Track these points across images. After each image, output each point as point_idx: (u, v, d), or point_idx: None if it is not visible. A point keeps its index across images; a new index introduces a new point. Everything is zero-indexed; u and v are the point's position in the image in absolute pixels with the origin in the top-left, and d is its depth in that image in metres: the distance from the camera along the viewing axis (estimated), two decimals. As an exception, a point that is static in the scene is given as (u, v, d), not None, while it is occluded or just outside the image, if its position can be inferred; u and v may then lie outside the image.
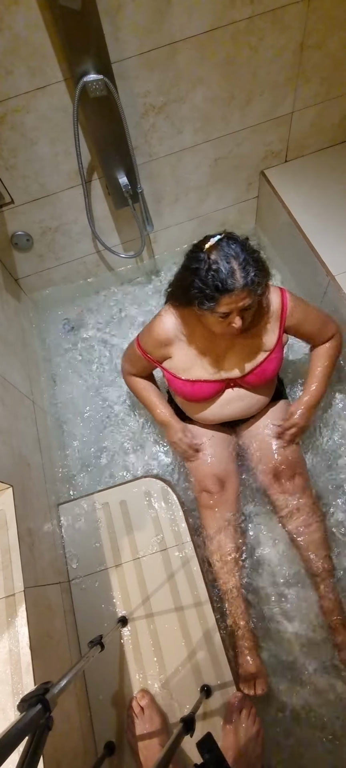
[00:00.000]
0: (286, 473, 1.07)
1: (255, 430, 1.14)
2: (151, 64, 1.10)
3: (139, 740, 0.83)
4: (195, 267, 0.84)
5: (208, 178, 1.45)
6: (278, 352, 1.00)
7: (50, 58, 1.01)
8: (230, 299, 0.82)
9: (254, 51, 1.16)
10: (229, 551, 1.04)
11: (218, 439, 1.13)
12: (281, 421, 1.11)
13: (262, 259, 0.87)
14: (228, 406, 1.06)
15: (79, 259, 1.53)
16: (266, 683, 0.93)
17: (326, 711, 0.95)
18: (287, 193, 1.42)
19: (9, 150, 1.15)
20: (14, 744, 0.41)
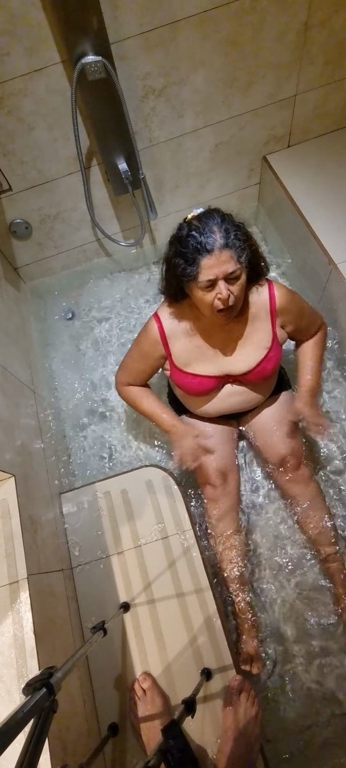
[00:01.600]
0: (291, 464, 1.09)
1: (259, 421, 1.15)
2: (151, 44, 1.07)
3: (141, 721, 0.85)
4: (177, 237, 0.85)
5: (209, 164, 1.42)
6: (275, 350, 0.99)
7: (47, 38, 0.99)
8: (211, 261, 0.80)
9: (257, 31, 1.13)
10: (232, 540, 1.06)
11: (220, 432, 1.14)
12: (288, 414, 1.09)
13: (244, 228, 0.85)
14: (228, 400, 1.05)
15: (78, 247, 1.52)
16: (262, 666, 0.98)
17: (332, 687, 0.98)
18: (289, 179, 1.40)
19: (6, 135, 1.12)
20: (20, 726, 0.43)
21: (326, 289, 1.30)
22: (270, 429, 1.12)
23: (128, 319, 1.56)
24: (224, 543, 1.07)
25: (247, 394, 1.05)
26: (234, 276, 0.82)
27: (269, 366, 0.99)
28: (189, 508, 1.11)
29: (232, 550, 1.06)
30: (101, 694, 0.92)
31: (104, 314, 1.60)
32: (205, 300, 0.85)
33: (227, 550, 1.06)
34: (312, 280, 1.38)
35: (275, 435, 1.11)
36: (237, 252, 0.81)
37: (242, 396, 1.04)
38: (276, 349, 0.99)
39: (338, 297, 1.23)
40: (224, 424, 1.15)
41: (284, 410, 1.13)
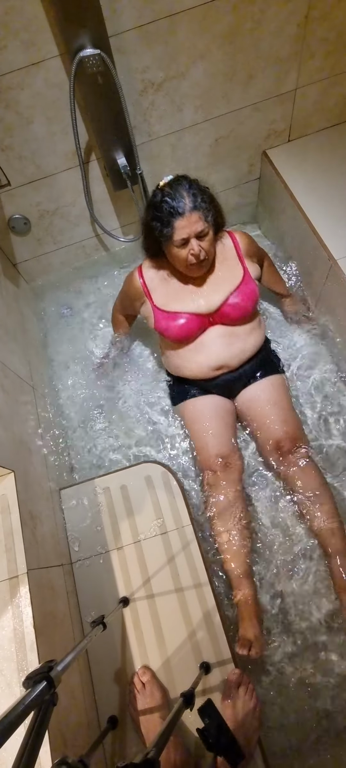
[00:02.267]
0: (289, 446, 1.09)
1: (254, 405, 1.17)
2: (149, 37, 1.06)
3: (140, 714, 0.86)
4: (152, 203, 1.02)
5: (209, 159, 1.42)
6: (248, 282, 1.10)
7: (45, 31, 0.98)
8: (183, 222, 0.96)
9: (257, 23, 1.12)
10: (234, 526, 1.06)
11: (219, 413, 1.16)
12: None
13: (209, 191, 1.03)
14: (214, 346, 1.10)
15: (77, 243, 1.51)
16: (261, 649, 0.94)
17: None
18: (289, 174, 1.39)
19: (4, 129, 1.12)
20: (20, 719, 0.43)
21: (325, 284, 1.29)
22: (266, 412, 1.14)
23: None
24: (226, 528, 1.06)
25: (230, 337, 1.11)
26: (203, 234, 0.98)
27: (244, 297, 1.09)
28: (188, 503, 1.11)
29: (234, 535, 1.05)
30: (101, 687, 0.93)
31: (103, 310, 1.59)
32: (180, 256, 1.01)
33: (228, 536, 1.05)
34: (312, 275, 1.37)
35: (270, 417, 1.13)
36: (204, 213, 0.97)
37: (225, 338, 1.10)
38: (249, 281, 1.11)
39: (338, 293, 1.23)
40: (220, 402, 1.17)
41: (279, 393, 1.16)
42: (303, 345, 1.40)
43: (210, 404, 1.17)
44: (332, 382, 1.33)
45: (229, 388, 1.20)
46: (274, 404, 1.14)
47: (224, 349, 1.11)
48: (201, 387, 1.20)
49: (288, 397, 1.20)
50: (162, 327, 1.12)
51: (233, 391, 1.21)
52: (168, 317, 1.09)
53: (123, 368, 1.44)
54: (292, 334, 1.42)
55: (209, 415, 1.15)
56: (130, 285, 1.17)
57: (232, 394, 1.22)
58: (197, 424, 1.16)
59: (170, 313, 1.09)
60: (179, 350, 1.15)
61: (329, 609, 1.04)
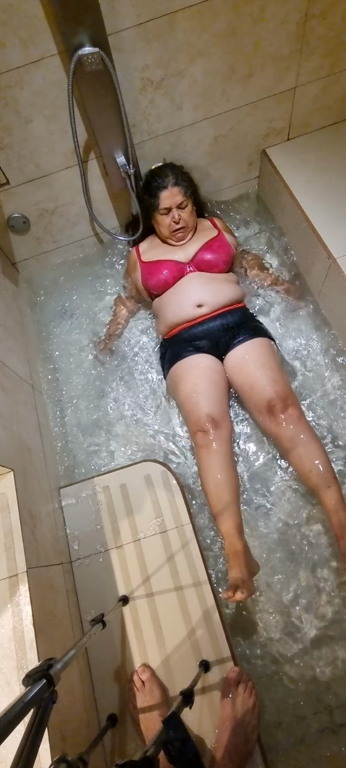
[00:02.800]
0: (279, 407, 1.10)
1: (242, 363, 1.19)
2: (148, 35, 1.06)
3: (140, 712, 0.87)
4: (145, 181, 1.30)
5: (208, 157, 1.41)
6: (222, 239, 1.31)
7: (43, 29, 0.97)
8: (166, 194, 1.23)
9: (256, 21, 1.12)
10: (226, 487, 1.05)
11: (209, 374, 1.18)
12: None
13: (189, 175, 1.30)
14: (192, 286, 1.24)
15: (76, 241, 1.51)
16: (248, 592, 0.89)
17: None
18: (288, 172, 1.39)
19: (3, 128, 1.11)
20: (20, 717, 0.43)
21: (324, 283, 1.29)
22: (255, 374, 1.16)
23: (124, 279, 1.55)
24: (217, 484, 1.05)
25: (207, 280, 1.26)
26: (183, 205, 1.25)
27: (216, 247, 1.28)
28: (188, 502, 1.11)
29: (224, 489, 1.04)
30: (100, 686, 0.93)
31: (102, 308, 1.59)
32: (164, 222, 1.27)
33: (219, 491, 1.04)
34: (311, 273, 1.37)
35: (259, 379, 1.14)
36: (184, 188, 1.24)
37: (203, 280, 1.25)
38: (223, 238, 1.31)
39: (337, 291, 1.23)
40: (212, 366, 1.19)
41: (267, 354, 1.18)
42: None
43: (200, 365, 1.19)
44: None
45: (215, 341, 1.23)
46: (263, 365, 1.16)
47: (202, 289, 1.24)
48: (188, 340, 1.23)
49: (276, 358, 1.21)
50: (146, 275, 1.31)
51: (219, 345, 1.23)
52: (151, 265, 1.31)
53: (125, 361, 1.45)
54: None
55: (199, 375, 1.17)
56: (129, 260, 1.42)
57: (219, 350, 1.23)
58: (188, 384, 1.17)
59: (153, 262, 1.31)
60: (164, 298, 1.29)
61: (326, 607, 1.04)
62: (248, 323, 1.26)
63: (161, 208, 1.25)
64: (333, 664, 1.00)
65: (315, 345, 1.37)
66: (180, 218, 1.25)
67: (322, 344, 1.36)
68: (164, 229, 1.28)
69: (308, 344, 1.37)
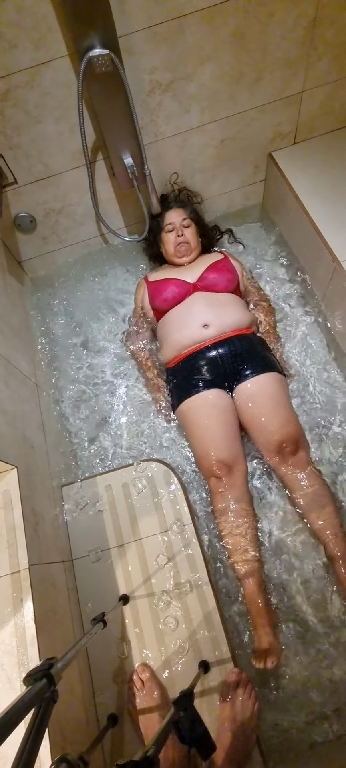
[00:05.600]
0: (290, 449, 1.09)
1: (253, 398, 1.16)
2: (158, 38, 1.07)
3: (139, 713, 0.86)
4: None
5: (214, 160, 1.42)
6: (227, 263, 1.35)
7: (55, 31, 0.98)
8: (171, 213, 1.37)
9: (265, 26, 1.12)
10: (242, 531, 1.05)
11: (219, 413, 1.14)
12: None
13: (192, 201, 1.44)
14: (197, 306, 1.25)
15: (83, 241, 1.52)
16: (277, 659, 0.93)
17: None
18: (294, 176, 1.39)
19: (12, 128, 1.12)
20: (21, 716, 0.43)
21: (329, 287, 1.29)
22: (266, 411, 1.13)
23: (131, 313, 1.55)
24: (234, 535, 1.05)
25: (213, 300, 1.26)
26: (186, 224, 1.37)
27: (221, 268, 1.31)
28: (190, 502, 1.11)
29: (242, 538, 1.04)
30: (100, 685, 0.93)
31: (108, 308, 1.60)
32: (169, 240, 1.37)
33: (237, 540, 1.04)
34: (316, 276, 1.37)
35: (271, 417, 1.12)
36: (188, 210, 1.39)
37: (208, 300, 1.25)
38: (228, 263, 1.35)
39: (342, 295, 1.23)
40: (221, 403, 1.15)
41: (279, 391, 1.16)
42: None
43: (210, 403, 1.16)
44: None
45: (223, 369, 1.18)
46: (275, 404, 1.14)
47: (207, 308, 1.24)
48: (196, 369, 1.19)
49: (288, 395, 1.20)
50: (153, 292, 1.34)
51: (227, 373, 1.18)
52: (158, 283, 1.34)
53: (129, 360, 1.44)
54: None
55: (210, 415, 1.14)
56: (137, 286, 1.46)
57: (227, 379, 1.19)
58: (198, 428, 1.15)
59: (160, 280, 1.35)
60: (169, 317, 1.29)
61: (332, 612, 1.03)
62: (258, 353, 1.22)
63: (166, 224, 1.36)
64: (333, 670, 0.99)
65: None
66: (183, 234, 1.34)
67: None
68: (169, 246, 1.37)
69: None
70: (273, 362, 1.23)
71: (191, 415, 1.18)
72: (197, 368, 1.20)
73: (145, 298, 1.38)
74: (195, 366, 1.20)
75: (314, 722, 0.96)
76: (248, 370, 1.19)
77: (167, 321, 1.30)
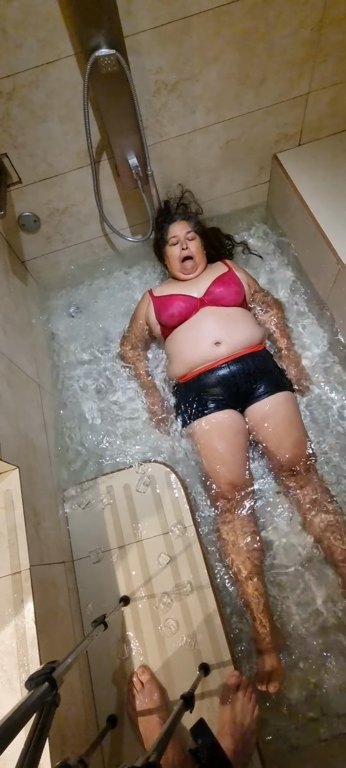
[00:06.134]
0: (301, 470, 1.09)
1: (266, 419, 1.14)
2: (164, 38, 1.06)
3: (139, 714, 0.86)
4: (157, 218, 1.42)
5: (219, 161, 1.41)
6: (232, 276, 1.33)
7: (61, 30, 0.98)
8: (174, 227, 1.35)
9: (271, 27, 1.12)
10: (248, 554, 1.04)
11: (231, 434, 1.13)
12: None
13: (194, 211, 1.45)
14: (207, 322, 1.22)
15: (86, 241, 1.52)
16: (279, 684, 0.92)
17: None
18: (299, 178, 1.38)
19: (17, 127, 1.12)
20: (23, 721, 0.43)
21: (333, 289, 1.29)
22: (279, 432, 1.12)
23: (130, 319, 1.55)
24: (240, 557, 1.04)
25: (222, 315, 1.23)
26: (190, 236, 1.34)
27: (227, 280, 1.29)
28: (191, 504, 1.11)
29: (248, 563, 1.03)
30: (100, 686, 0.93)
31: (110, 309, 1.59)
32: (174, 254, 1.34)
33: (243, 565, 1.03)
34: (320, 279, 1.36)
35: (283, 438, 1.11)
36: (192, 223, 1.37)
37: (217, 316, 1.23)
38: (233, 275, 1.33)
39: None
40: (233, 425, 1.14)
41: (292, 411, 1.14)
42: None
43: (222, 425, 1.14)
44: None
45: (236, 388, 1.16)
46: (288, 424, 1.13)
47: (218, 325, 1.21)
48: (208, 387, 1.17)
49: (300, 414, 1.19)
50: (160, 308, 1.31)
51: (240, 392, 1.17)
52: (164, 299, 1.32)
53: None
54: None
55: (221, 437, 1.12)
56: (141, 300, 1.43)
57: (240, 398, 1.18)
58: (209, 450, 1.13)
59: (166, 296, 1.32)
60: (179, 334, 1.26)
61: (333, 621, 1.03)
62: (271, 371, 1.21)
63: (170, 238, 1.34)
64: (333, 673, 0.99)
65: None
66: (187, 247, 1.32)
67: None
68: (174, 261, 1.35)
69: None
70: (285, 381, 1.22)
71: (202, 436, 1.15)
72: (209, 387, 1.17)
73: (150, 312, 1.35)
74: (207, 385, 1.18)
75: (315, 725, 0.96)
76: (261, 389, 1.17)
77: (177, 338, 1.27)
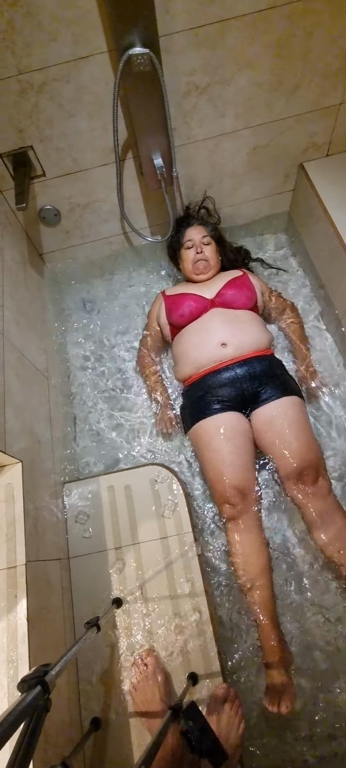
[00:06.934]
0: (310, 477, 1.04)
1: (273, 422, 1.10)
2: (199, 41, 1.05)
3: (140, 696, 0.87)
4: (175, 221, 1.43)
5: (245, 167, 1.39)
6: (246, 280, 1.32)
7: (97, 26, 0.97)
8: (191, 230, 1.37)
9: (308, 35, 1.09)
10: (255, 561, 1.01)
11: (235, 437, 1.09)
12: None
13: (210, 217, 1.45)
14: (215, 323, 1.21)
15: (105, 238, 1.51)
16: (292, 703, 0.88)
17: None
18: (325, 188, 1.35)
19: (45, 120, 1.12)
20: (15, 726, 0.42)
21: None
22: (286, 436, 1.08)
23: (147, 313, 1.54)
24: (247, 564, 1.01)
25: (231, 318, 1.22)
26: (206, 241, 1.35)
27: (239, 284, 1.28)
28: (191, 509, 1.10)
29: (255, 571, 1.00)
30: (86, 687, 0.93)
31: (124, 307, 1.59)
32: (189, 257, 1.35)
33: (250, 573, 1.00)
34: (337, 293, 1.33)
35: (291, 443, 1.07)
36: (209, 229, 1.39)
37: (226, 318, 1.22)
38: (246, 280, 1.31)
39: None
40: (237, 427, 1.11)
41: (300, 415, 1.11)
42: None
43: (225, 426, 1.10)
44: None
45: (241, 391, 1.13)
46: (295, 429, 1.08)
47: (225, 326, 1.20)
48: (212, 388, 1.15)
49: (308, 419, 1.15)
50: (170, 307, 1.31)
51: (245, 395, 1.14)
52: (175, 297, 1.32)
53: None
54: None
55: (225, 440, 1.09)
56: (154, 300, 1.44)
57: (245, 401, 1.14)
58: (212, 452, 1.10)
59: (177, 295, 1.33)
60: (186, 334, 1.26)
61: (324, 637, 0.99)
62: (277, 376, 1.17)
63: (186, 241, 1.36)
64: (318, 694, 0.96)
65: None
66: (202, 251, 1.33)
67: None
68: (188, 263, 1.35)
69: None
70: (293, 386, 1.18)
71: (206, 438, 1.12)
72: (213, 388, 1.15)
73: (161, 312, 1.35)
74: (212, 386, 1.15)
75: (297, 745, 0.93)
76: (267, 393, 1.14)
77: (184, 338, 1.26)
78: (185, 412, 1.23)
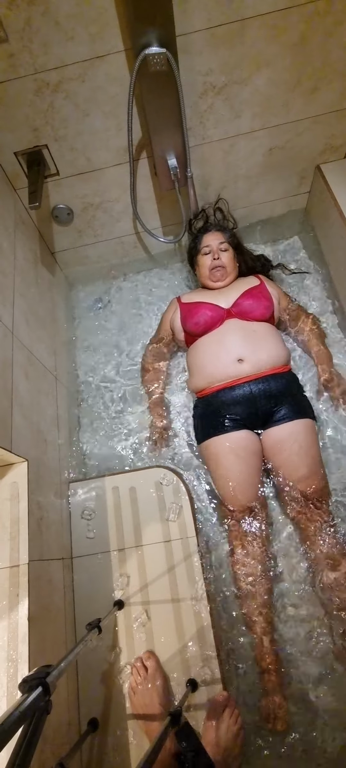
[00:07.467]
0: (313, 503, 1.05)
1: (283, 445, 1.10)
2: (217, 40, 1.03)
3: (139, 699, 0.86)
4: (192, 225, 1.43)
5: (260, 168, 1.37)
6: (263, 289, 1.28)
7: (113, 25, 0.96)
8: (208, 236, 1.35)
9: (329, 35, 1.06)
10: (259, 580, 1.01)
11: (245, 456, 1.09)
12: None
13: (230, 226, 1.42)
14: (232, 336, 1.18)
15: (117, 238, 1.51)
16: (285, 721, 0.90)
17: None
18: (341, 191, 1.32)
19: (60, 119, 1.12)
20: (16, 727, 0.42)
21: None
22: (294, 461, 1.08)
23: (158, 315, 1.53)
24: (249, 584, 1.01)
25: (248, 331, 1.19)
26: (223, 247, 1.32)
27: (256, 294, 1.25)
28: (195, 514, 1.09)
29: (257, 590, 1.00)
30: (85, 687, 0.93)
31: (135, 308, 1.58)
32: (205, 263, 1.33)
33: (252, 592, 1.00)
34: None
35: (300, 469, 1.07)
36: (227, 235, 1.36)
37: (243, 332, 1.19)
38: (264, 289, 1.28)
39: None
40: (248, 446, 1.10)
41: (310, 441, 1.10)
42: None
43: (236, 445, 1.10)
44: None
45: (255, 408, 1.12)
46: (305, 453, 1.08)
47: (242, 341, 1.17)
48: (226, 405, 1.13)
49: (318, 444, 1.13)
50: (186, 314, 1.29)
51: (258, 413, 1.12)
52: (191, 306, 1.29)
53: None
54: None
55: (235, 458, 1.09)
56: (169, 305, 1.42)
57: (258, 419, 1.13)
58: (225, 469, 1.10)
59: (193, 303, 1.30)
60: (201, 345, 1.23)
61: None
62: (293, 395, 1.15)
63: (203, 247, 1.33)
64: (319, 706, 0.93)
65: None
66: (219, 257, 1.30)
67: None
68: (204, 269, 1.33)
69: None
70: (307, 407, 1.16)
71: (216, 456, 1.12)
72: (227, 405, 1.13)
73: (176, 318, 1.32)
74: (226, 402, 1.14)
75: (296, 755, 0.91)
76: (281, 413, 1.12)
77: (199, 350, 1.23)
78: (197, 423, 1.22)
